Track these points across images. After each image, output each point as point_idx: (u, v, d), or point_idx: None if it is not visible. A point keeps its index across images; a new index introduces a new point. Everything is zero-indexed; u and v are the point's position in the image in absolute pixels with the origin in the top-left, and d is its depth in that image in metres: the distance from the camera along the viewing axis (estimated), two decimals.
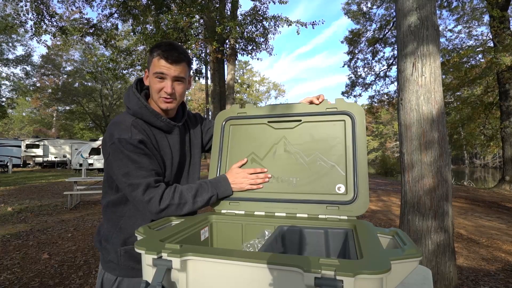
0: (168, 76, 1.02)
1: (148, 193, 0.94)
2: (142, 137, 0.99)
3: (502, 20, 10.99)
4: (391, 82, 17.44)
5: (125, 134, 0.97)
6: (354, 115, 1.07)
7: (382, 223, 5.72)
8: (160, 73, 1.02)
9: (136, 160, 0.95)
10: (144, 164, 0.96)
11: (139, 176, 0.94)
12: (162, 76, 1.02)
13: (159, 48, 1.03)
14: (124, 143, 0.95)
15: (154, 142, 1.05)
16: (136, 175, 0.94)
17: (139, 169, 0.95)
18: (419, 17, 2.70)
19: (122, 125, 1.00)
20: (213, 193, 1.06)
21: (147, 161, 0.98)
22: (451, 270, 2.56)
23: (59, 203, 7.67)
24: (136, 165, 0.95)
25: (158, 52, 1.02)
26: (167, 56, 1.01)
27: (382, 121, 44.95)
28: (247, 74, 45.09)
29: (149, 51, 1.07)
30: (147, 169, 0.96)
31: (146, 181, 0.94)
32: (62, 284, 3.05)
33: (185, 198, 0.99)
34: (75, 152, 20.43)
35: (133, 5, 8.71)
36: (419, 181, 2.61)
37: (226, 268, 0.64)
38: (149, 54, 1.07)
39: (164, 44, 1.03)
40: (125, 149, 0.95)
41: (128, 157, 0.95)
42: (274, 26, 10.05)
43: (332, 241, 0.95)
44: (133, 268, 1.02)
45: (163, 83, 1.03)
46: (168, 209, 0.97)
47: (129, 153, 0.95)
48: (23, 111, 36.89)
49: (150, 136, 1.04)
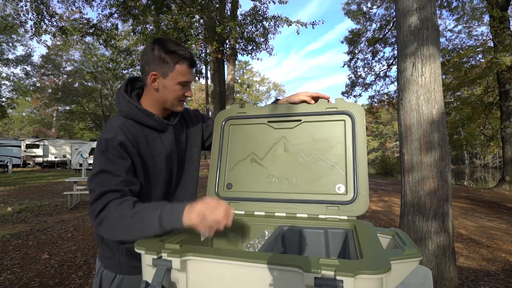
0: (189, 81, 1.04)
1: (97, 203, 0.86)
2: (124, 139, 0.96)
3: (502, 20, 10.99)
4: (391, 82, 17.46)
5: (108, 134, 0.96)
6: (354, 115, 1.06)
7: (382, 223, 5.72)
8: (187, 82, 1.03)
9: (106, 163, 0.91)
10: (113, 168, 0.91)
11: (100, 183, 0.88)
12: (187, 84, 1.04)
13: (181, 55, 0.99)
14: (104, 143, 0.94)
15: (145, 144, 1.03)
16: (98, 180, 0.89)
17: (104, 174, 0.90)
18: (419, 17, 2.70)
19: (109, 126, 0.99)
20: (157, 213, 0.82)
21: (120, 166, 0.92)
22: (451, 271, 2.56)
23: (59, 203, 7.67)
24: (104, 168, 0.90)
25: (185, 61, 1.00)
26: (192, 64, 1.02)
27: (382, 121, 44.93)
28: (247, 74, 45.12)
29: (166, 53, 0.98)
30: (113, 174, 0.90)
31: (102, 189, 0.87)
32: (62, 284, 3.05)
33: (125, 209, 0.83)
34: (75, 152, 20.45)
35: (133, 5, 8.71)
36: (419, 182, 2.61)
37: (226, 268, 0.63)
38: (164, 57, 0.98)
39: (182, 50, 1.00)
40: (103, 149, 0.93)
41: (100, 159, 0.92)
42: (274, 26, 10.05)
43: (332, 241, 0.95)
44: (134, 266, 1.02)
45: (186, 88, 1.04)
46: (105, 221, 0.84)
47: (105, 153, 0.93)
48: (23, 111, 36.87)
49: (139, 137, 1.01)
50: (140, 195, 0.99)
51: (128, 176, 0.93)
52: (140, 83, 1.12)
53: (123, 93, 1.05)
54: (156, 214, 0.80)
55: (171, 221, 0.79)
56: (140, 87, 1.12)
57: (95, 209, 0.85)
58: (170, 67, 0.99)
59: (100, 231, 0.87)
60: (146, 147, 1.03)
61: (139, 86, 1.12)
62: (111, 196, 0.87)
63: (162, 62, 0.99)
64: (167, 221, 0.79)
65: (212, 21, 9.59)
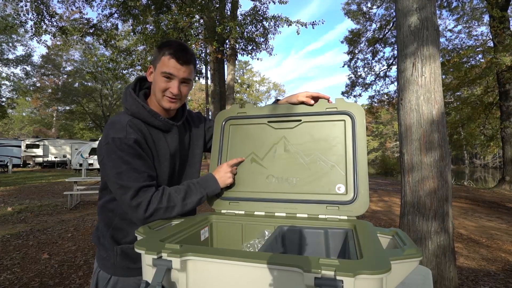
0: (177, 77, 1.02)
1: (137, 198, 0.91)
2: (137, 136, 0.97)
3: (502, 20, 10.99)
4: (391, 82, 17.46)
5: (119, 134, 0.95)
6: (354, 115, 1.06)
7: (383, 223, 5.72)
8: (168, 73, 1.01)
9: (128, 161, 0.93)
10: (137, 165, 0.94)
11: (131, 179, 0.92)
12: (170, 76, 1.02)
13: (170, 47, 1.01)
14: (118, 142, 0.94)
15: (151, 142, 1.03)
16: (127, 177, 0.91)
17: (131, 171, 0.92)
18: (419, 17, 2.70)
19: (117, 125, 0.98)
20: (202, 194, 1.04)
21: (140, 162, 0.95)
22: (451, 271, 2.56)
23: (59, 203, 7.67)
24: (128, 166, 0.92)
25: (169, 51, 1.00)
26: (178, 57, 1.00)
27: (382, 121, 44.93)
28: (247, 74, 45.12)
29: (158, 47, 1.04)
30: (139, 171, 0.94)
31: (137, 185, 0.92)
32: (62, 284, 3.05)
33: (174, 201, 0.97)
34: (75, 152, 20.44)
35: (133, 5, 8.71)
36: (419, 182, 2.61)
37: (226, 268, 0.63)
38: (156, 50, 1.04)
39: (174, 44, 1.02)
40: (118, 149, 0.93)
41: (121, 158, 0.93)
42: (274, 26, 10.05)
43: (332, 241, 0.94)
44: (129, 268, 1.02)
45: (170, 83, 1.02)
46: (156, 213, 0.93)
47: (122, 153, 0.93)
48: (23, 111, 36.86)
49: (146, 136, 1.02)
50: None
51: (150, 171, 0.99)
52: (148, 83, 1.13)
53: (131, 91, 1.06)
54: (203, 193, 1.05)
55: (214, 190, 1.08)
56: (148, 87, 1.13)
57: (140, 203, 0.91)
58: (158, 58, 1.03)
59: (152, 219, 0.94)
60: (152, 146, 1.04)
61: (147, 86, 1.13)
62: (148, 190, 0.94)
63: (156, 54, 1.05)
64: (212, 191, 1.07)
65: (212, 21, 9.59)
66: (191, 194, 1.01)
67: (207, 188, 1.06)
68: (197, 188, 1.04)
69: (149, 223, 0.92)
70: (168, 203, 0.95)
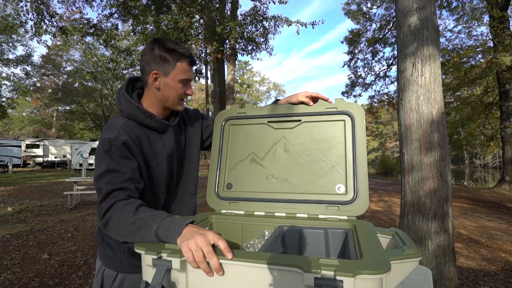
0: (190, 79, 1.05)
1: (104, 203, 0.86)
2: (127, 139, 0.96)
3: (502, 20, 10.98)
4: (391, 82, 17.46)
5: (111, 135, 0.96)
6: (354, 115, 1.06)
7: (382, 223, 5.72)
8: (188, 79, 1.03)
9: (110, 163, 0.91)
10: (119, 167, 0.91)
11: (107, 182, 0.88)
12: (187, 82, 1.04)
13: (181, 53, 1.00)
14: (107, 143, 0.94)
15: (147, 144, 1.03)
16: (105, 180, 0.89)
17: (110, 173, 0.90)
18: (419, 17, 2.70)
19: (112, 127, 0.99)
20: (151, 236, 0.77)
21: (124, 164, 0.93)
22: (451, 271, 2.56)
23: (59, 203, 7.67)
24: (109, 168, 0.90)
25: (185, 58, 1.01)
26: (192, 61, 1.02)
27: (382, 121, 44.92)
28: (247, 74, 45.10)
29: (165, 52, 1.00)
30: (119, 173, 0.90)
31: (109, 188, 0.87)
32: (62, 284, 3.05)
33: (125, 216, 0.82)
34: (75, 152, 20.45)
35: (133, 5, 8.71)
36: (419, 182, 2.61)
37: (226, 268, 0.64)
38: (164, 55, 1.00)
39: (182, 48, 1.02)
40: (105, 150, 0.93)
41: (105, 158, 0.92)
42: (274, 26, 10.05)
43: (332, 241, 0.94)
44: (135, 266, 1.02)
45: (187, 86, 1.05)
46: (109, 224, 0.84)
47: (107, 153, 0.93)
48: (23, 111, 36.89)
49: (142, 138, 1.02)
50: (143, 195, 0.99)
51: (133, 174, 0.94)
52: (140, 83, 1.12)
53: (124, 93, 1.05)
54: (154, 227, 0.76)
55: (167, 237, 0.75)
56: (140, 87, 1.12)
57: (102, 209, 0.85)
58: (171, 65, 1.01)
59: (106, 231, 0.86)
60: (148, 147, 1.03)
61: (139, 86, 1.12)
62: (117, 195, 0.86)
63: (163, 60, 1.00)
64: (164, 236, 0.75)
65: (212, 21, 9.59)
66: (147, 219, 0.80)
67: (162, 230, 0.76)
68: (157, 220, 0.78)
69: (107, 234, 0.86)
70: (123, 215, 0.82)
